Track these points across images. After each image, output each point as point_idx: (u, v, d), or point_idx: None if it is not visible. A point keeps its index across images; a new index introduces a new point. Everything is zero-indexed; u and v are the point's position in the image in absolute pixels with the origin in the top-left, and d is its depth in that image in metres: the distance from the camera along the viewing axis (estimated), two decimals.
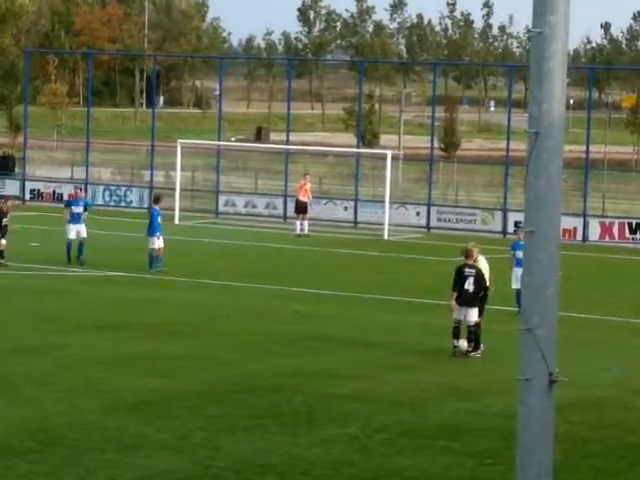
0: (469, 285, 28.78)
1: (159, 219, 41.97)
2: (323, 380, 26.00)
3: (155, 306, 35.05)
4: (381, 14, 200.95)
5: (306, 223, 54.59)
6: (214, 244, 47.21)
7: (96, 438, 20.99)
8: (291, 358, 28.14)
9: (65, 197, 62.73)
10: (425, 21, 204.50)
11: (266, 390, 24.96)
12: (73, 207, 43.63)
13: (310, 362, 27.78)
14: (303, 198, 55.30)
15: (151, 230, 41.59)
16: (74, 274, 40.08)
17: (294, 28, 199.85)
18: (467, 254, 29.33)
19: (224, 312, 34.28)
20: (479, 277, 28.91)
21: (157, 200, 44.38)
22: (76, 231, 42.56)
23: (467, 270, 29.02)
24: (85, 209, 43.84)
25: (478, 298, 28.80)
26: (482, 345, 28.78)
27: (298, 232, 54.05)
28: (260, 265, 44.22)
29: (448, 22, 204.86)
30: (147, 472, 19.25)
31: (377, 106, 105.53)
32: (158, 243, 41.43)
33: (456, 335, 28.73)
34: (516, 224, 46.57)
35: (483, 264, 29.73)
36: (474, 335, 28.70)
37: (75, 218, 42.97)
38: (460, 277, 28.98)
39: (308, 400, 24.22)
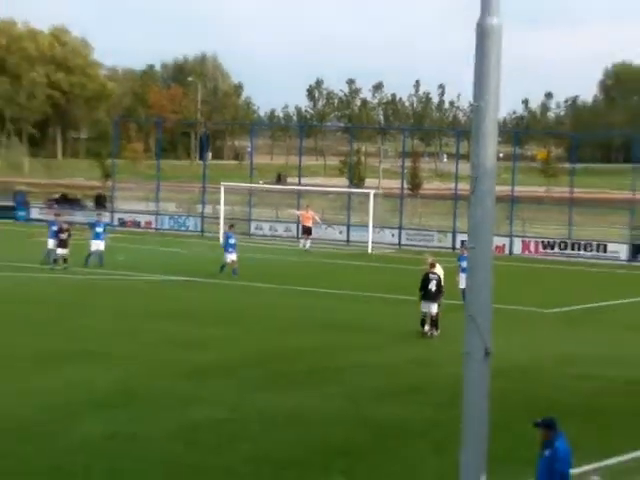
0: (432, 286, 29.19)
1: (232, 240, 41.89)
2: (326, 354, 26.07)
3: (207, 301, 35.07)
4: (366, 93, 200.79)
5: (309, 242, 54.79)
6: (248, 257, 47.16)
7: (161, 395, 21.11)
8: (301, 337, 28.20)
9: (142, 224, 63.14)
10: (397, 98, 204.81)
11: (285, 361, 25.03)
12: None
13: (316, 340, 27.84)
14: (307, 223, 55.89)
15: (226, 248, 41.69)
16: (148, 278, 40.04)
17: (304, 103, 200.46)
18: (432, 265, 29.83)
19: (257, 304, 34.34)
20: (439, 281, 29.31)
21: (232, 227, 44.89)
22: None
23: (431, 275, 29.44)
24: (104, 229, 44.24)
25: (438, 295, 29.08)
26: (439, 328, 28.92)
27: (303, 247, 54.29)
28: (280, 271, 44.17)
29: (414, 99, 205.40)
30: (199, 418, 19.34)
31: (363, 158, 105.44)
32: (230, 257, 41.27)
33: (423, 323, 28.99)
34: (462, 242, 46.59)
35: (439, 271, 29.95)
36: (434, 321, 28.95)
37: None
38: (426, 280, 29.29)
39: (314, 367, 24.30)
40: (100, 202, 69.75)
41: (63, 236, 41.63)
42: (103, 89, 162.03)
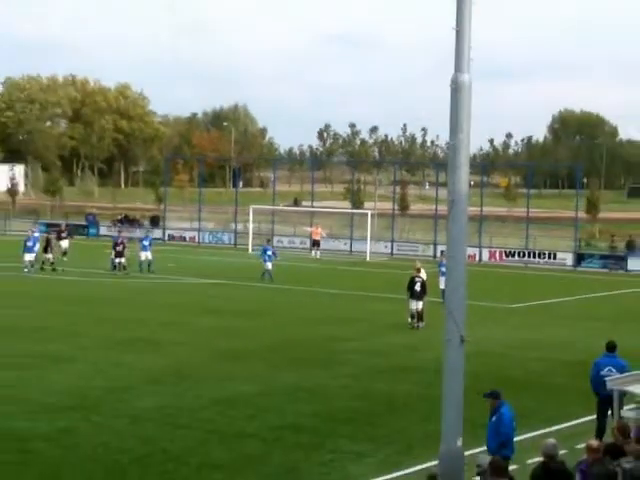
0: (418, 287, 28.93)
1: (269, 252, 41.29)
2: (334, 341, 25.95)
3: (240, 299, 34.94)
4: (364, 134, 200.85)
5: (319, 252, 54.71)
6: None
7: (203, 374, 21.00)
8: (314, 328, 28.08)
9: (187, 238, 63.05)
10: (389, 138, 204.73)
11: (301, 347, 24.93)
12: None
13: (326, 330, 27.72)
14: (316, 237, 55.89)
15: (263, 258, 41.03)
16: (192, 281, 39.95)
17: (315, 142, 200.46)
18: (418, 270, 29.55)
19: (280, 301, 34.21)
20: (424, 283, 29.10)
21: (268, 241, 45.41)
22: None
23: (417, 278, 29.20)
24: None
25: (423, 295, 28.86)
26: (424, 321, 28.74)
27: (315, 256, 54.08)
28: (297, 275, 43.88)
29: (402, 138, 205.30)
30: (233, 393, 19.21)
31: (362, 186, 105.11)
32: (268, 265, 40.60)
33: (412, 317, 28.78)
34: (441, 251, 46.24)
35: (423, 275, 29.78)
36: (420, 315, 28.76)
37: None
38: (412, 282, 29.09)
39: (325, 352, 24.19)
40: (154, 221, 69.73)
41: (119, 248, 41.74)
42: (157, 132, 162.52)
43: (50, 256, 42.50)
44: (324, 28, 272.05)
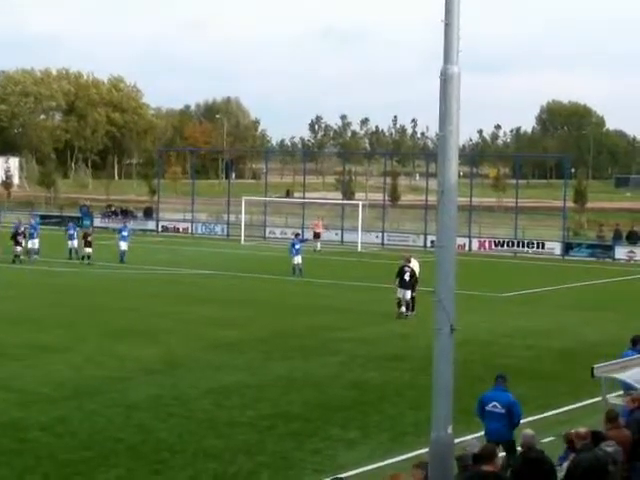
0: (407, 277, 28.84)
1: (297, 246, 39.82)
2: (326, 331, 25.92)
3: (232, 290, 34.77)
4: (355, 126, 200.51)
5: (319, 243, 53.80)
6: (264, 255, 46.96)
7: (197, 364, 20.95)
8: (306, 318, 28.05)
9: (181, 230, 62.82)
10: (380, 129, 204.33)
11: (294, 336, 24.91)
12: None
13: (318, 320, 27.68)
14: (317, 230, 55.43)
15: (292, 252, 39.57)
16: (186, 272, 39.78)
17: (307, 134, 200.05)
18: (406, 259, 29.51)
19: (272, 291, 34.11)
20: (412, 272, 29.01)
21: (297, 235, 43.32)
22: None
23: (405, 268, 29.10)
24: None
25: (411, 284, 28.80)
26: (415, 310, 28.71)
27: (319, 249, 53.06)
28: (289, 266, 43.61)
29: (393, 130, 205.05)
30: (227, 382, 19.21)
31: (353, 177, 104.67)
32: (296, 259, 39.24)
33: (399, 305, 28.74)
34: (432, 242, 46.29)
35: (415, 264, 29.75)
36: (410, 304, 28.74)
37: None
38: (401, 272, 29.05)
39: (317, 341, 24.18)
40: (148, 213, 69.45)
41: (89, 239, 42.16)
42: (150, 125, 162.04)
43: (20, 248, 42.15)
44: (315, 21, 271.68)
